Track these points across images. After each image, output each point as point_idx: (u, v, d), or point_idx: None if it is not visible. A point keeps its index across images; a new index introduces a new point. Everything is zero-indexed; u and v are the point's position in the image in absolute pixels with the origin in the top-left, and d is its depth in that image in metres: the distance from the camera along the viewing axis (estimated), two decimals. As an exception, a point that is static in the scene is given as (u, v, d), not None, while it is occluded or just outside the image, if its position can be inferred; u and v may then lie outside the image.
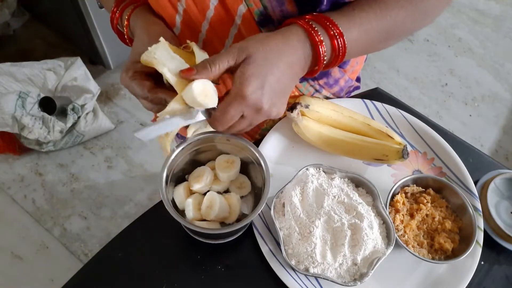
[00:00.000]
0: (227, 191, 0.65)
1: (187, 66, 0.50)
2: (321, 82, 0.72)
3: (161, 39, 0.51)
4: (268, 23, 0.57)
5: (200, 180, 0.61)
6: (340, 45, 0.52)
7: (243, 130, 0.55)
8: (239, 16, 0.56)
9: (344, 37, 0.52)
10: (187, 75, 0.48)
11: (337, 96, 0.79)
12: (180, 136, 0.88)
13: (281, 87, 0.51)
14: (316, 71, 0.55)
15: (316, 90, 0.73)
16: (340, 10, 0.54)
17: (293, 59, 0.51)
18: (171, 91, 0.50)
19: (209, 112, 0.52)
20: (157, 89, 0.51)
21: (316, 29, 0.51)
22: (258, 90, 0.48)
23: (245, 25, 0.57)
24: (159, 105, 0.52)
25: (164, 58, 0.49)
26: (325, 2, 0.53)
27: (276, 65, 0.49)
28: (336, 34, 0.51)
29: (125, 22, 0.60)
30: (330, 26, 0.51)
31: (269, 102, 0.50)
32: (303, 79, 0.70)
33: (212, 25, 0.58)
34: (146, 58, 0.50)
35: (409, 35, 0.60)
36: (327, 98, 0.77)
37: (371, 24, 0.54)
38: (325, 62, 0.53)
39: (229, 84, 0.68)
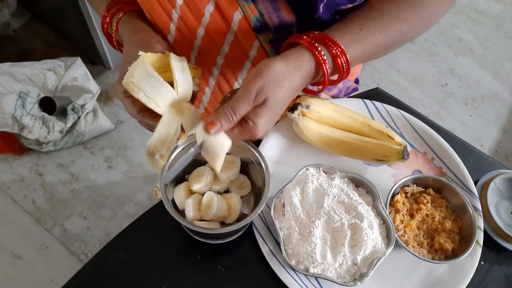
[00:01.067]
0: (227, 191, 0.65)
1: (165, 87, 0.49)
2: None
3: (141, 53, 0.49)
4: (264, 29, 0.56)
5: (200, 180, 0.61)
6: (344, 63, 0.52)
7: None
8: (235, 23, 0.56)
9: (347, 55, 0.52)
10: (213, 131, 0.48)
11: (336, 98, 0.79)
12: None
13: (281, 111, 0.53)
14: (321, 89, 0.56)
15: None
16: (344, 28, 0.54)
17: (301, 83, 0.52)
18: (158, 116, 0.50)
19: None
20: (145, 112, 0.51)
21: (319, 49, 0.51)
22: (266, 128, 0.51)
23: (241, 31, 0.57)
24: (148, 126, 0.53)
25: (142, 79, 0.48)
26: (321, 9, 0.53)
27: (288, 100, 0.51)
28: (338, 52, 0.52)
29: (114, 28, 0.60)
30: (332, 45, 0.51)
31: (268, 129, 0.52)
32: None
33: (208, 32, 0.58)
34: (125, 83, 0.49)
35: (411, 41, 0.60)
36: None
37: (376, 40, 0.54)
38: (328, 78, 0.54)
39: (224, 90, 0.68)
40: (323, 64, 0.51)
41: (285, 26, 0.56)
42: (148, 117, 0.51)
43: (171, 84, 0.50)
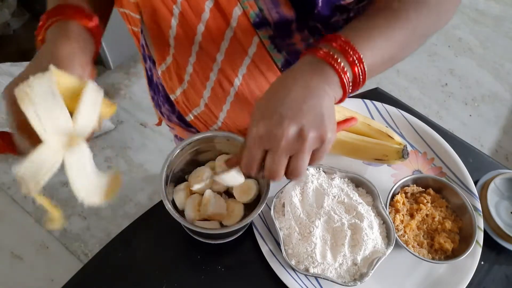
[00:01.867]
0: (227, 191, 0.65)
1: (63, 113, 0.41)
2: None
3: (52, 68, 0.41)
4: (264, 25, 0.56)
5: (200, 180, 0.61)
6: (361, 72, 0.46)
7: (295, 168, 0.44)
8: (234, 18, 0.56)
9: (364, 64, 0.46)
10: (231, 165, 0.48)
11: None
12: (180, 138, 0.88)
13: (316, 111, 0.43)
14: (343, 99, 0.49)
15: None
16: (358, 31, 0.48)
17: (311, 77, 0.45)
18: (38, 142, 0.41)
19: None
20: (25, 130, 0.43)
21: (336, 57, 0.45)
22: (265, 119, 0.43)
23: (241, 27, 0.57)
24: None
25: (40, 95, 0.39)
26: (320, 3, 0.53)
27: (294, 89, 0.44)
28: (355, 60, 0.45)
29: (39, 37, 0.50)
30: (350, 51, 0.45)
31: (288, 113, 0.42)
32: None
33: (208, 28, 0.58)
34: (19, 90, 0.39)
35: (423, 44, 0.55)
36: None
37: (394, 42, 0.49)
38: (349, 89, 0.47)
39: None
40: (343, 75, 0.45)
41: (285, 21, 0.56)
42: (27, 137, 0.43)
43: (72, 113, 0.42)
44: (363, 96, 0.81)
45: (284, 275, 0.60)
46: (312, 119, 0.42)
